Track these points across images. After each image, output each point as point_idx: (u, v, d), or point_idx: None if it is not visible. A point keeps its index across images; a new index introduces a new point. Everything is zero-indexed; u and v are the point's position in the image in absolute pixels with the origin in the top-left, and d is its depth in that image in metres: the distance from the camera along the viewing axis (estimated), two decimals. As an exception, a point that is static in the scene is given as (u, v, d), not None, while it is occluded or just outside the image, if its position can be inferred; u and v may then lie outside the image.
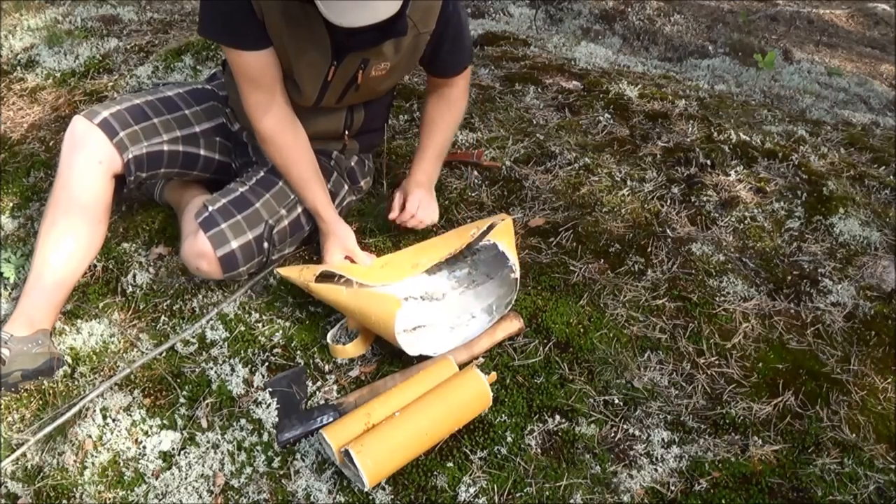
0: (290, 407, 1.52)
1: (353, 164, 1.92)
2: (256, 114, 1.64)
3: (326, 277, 1.69)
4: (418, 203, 1.84)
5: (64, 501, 1.40)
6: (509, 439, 1.46)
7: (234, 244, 1.64)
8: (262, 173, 1.76)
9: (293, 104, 1.69)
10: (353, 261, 1.76)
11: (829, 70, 3.89)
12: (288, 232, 1.74)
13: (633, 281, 1.81)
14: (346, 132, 1.83)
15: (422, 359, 1.58)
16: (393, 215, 1.85)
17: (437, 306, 1.74)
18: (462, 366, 1.54)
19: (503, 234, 1.74)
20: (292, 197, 1.74)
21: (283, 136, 1.68)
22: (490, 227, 1.76)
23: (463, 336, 1.65)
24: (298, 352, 1.66)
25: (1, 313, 1.73)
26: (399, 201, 1.85)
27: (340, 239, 1.76)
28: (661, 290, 1.78)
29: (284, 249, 1.77)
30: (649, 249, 1.89)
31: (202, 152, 1.84)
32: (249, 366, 1.63)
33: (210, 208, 1.65)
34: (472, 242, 1.76)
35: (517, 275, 1.68)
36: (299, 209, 1.76)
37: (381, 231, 1.94)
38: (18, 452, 1.47)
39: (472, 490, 1.38)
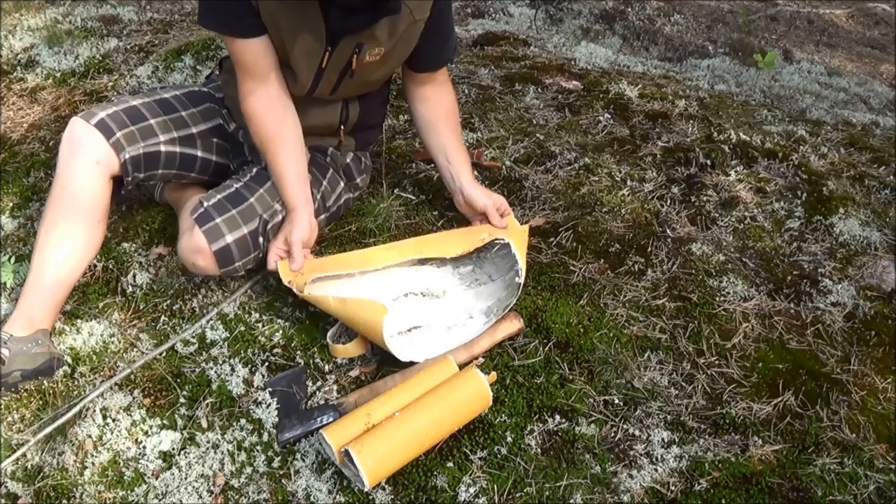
0: (290, 407, 1.52)
1: (348, 160, 1.92)
2: (247, 97, 1.66)
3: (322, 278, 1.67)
4: (490, 197, 1.84)
5: (64, 501, 1.40)
6: (509, 439, 1.46)
7: (229, 238, 1.64)
8: (256, 170, 1.76)
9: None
10: (289, 252, 1.69)
11: (829, 70, 3.89)
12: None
13: (633, 281, 1.81)
14: (342, 127, 1.84)
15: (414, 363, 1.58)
16: (497, 223, 1.81)
17: (437, 305, 1.74)
18: (462, 366, 1.54)
19: (517, 237, 1.74)
20: None
21: (269, 115, 1.67)
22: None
23: (459, 337, 1.64)
24: (298, 352, 1.66)
25: (1, 313, 1.73)
26: (488, 209, 1.82)
27: (290, 224, 1.69)
28: (661, 290, 1.78)
29: None
30: (649, 249, 1.89)
31: (199, 153, 1.84)
32: (249, 366, 1.63)
33: (205, 204, 1.66)
34: (480, 247, 1.76)
35: (521, 279, 1.67)
36: None
37: (382, 231, 1.94)
38: (19, 453, 1.47)
39: (472, 490, 1.38)
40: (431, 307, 1.73)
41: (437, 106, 1.86)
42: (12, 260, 1.88)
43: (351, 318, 1.59)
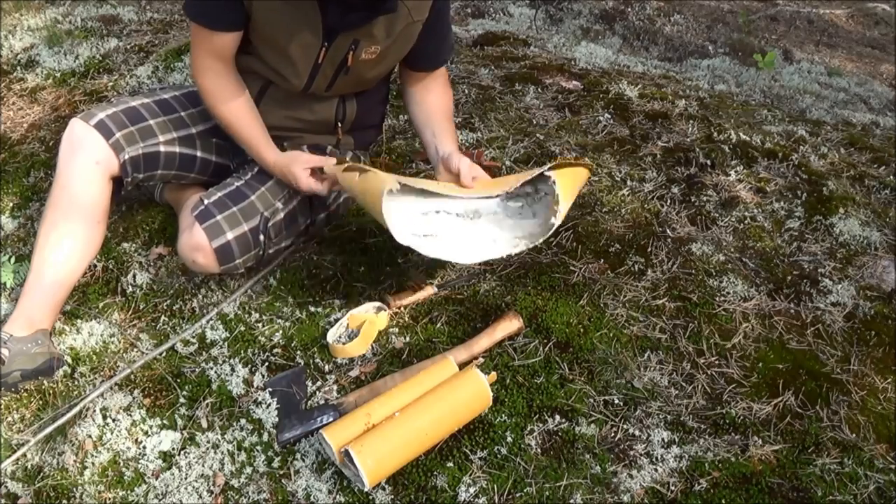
0: (290, 407, 1.52)
1: (348, 159, 1.92)
2: (205, 72, 1.67)
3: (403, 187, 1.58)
4: (469, 163, 1.72)
5: (64, 501, 1.40)
6: (509, 439, 1.46)
7: (230, 235, 1.64)
8: (257, 169, 1.77)
9: (283, 89, 1.72)
10: (317, 172, 1.71)
11: (829, 70, 3.89)
12: (283, 225, 1.74)
13: (633, 281, 1.81)
14: (339, 125, 1.84)
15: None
16: (467, 181, 1.66)
17: (465, 224, 1.66)
18: (462, 366, 1.54)
19: (567, 176, 1.64)
20: (287, 190, 1.74)
21: (228, 88, 1.70)
22: (555, 166, 1.65)
23: (477, 253, 1.61)
24: (298, 352, 1.66)
25: (1, 313, 1.73)
26: (461, 170, 1.68)
27: (296, 160, 1.71)
28: (661, 290, 1.78)
29: (280, 243, 1.78)
30: (649, 249, 1.89)
31: (199, 154, 1.84)
32: (249, 366, 1.63)
33: (206, 201, 1.66)
34: (527, 181, 1.65)
35: (557, 221, 1.59)
36: (294, 202, 1.76)
37: (382, 231, 1.94)
38: (19, 453, 1.47)
39: (472, 490, 1.38)
40: (458, 224, 1.66)
41: (434, 100, 1.84)
42: (12, 260, 1.88)
43: (363, 193, 1.56)
